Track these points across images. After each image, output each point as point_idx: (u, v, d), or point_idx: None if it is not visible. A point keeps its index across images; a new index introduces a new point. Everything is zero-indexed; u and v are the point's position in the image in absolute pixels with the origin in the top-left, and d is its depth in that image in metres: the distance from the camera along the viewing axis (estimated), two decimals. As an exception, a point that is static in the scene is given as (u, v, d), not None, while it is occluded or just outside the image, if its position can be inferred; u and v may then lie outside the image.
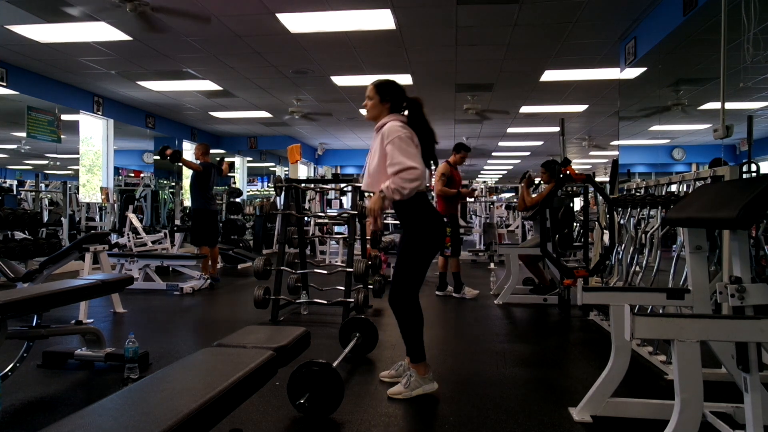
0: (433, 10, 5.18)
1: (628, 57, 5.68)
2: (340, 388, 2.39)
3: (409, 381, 2.62)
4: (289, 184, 4.70)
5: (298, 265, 4.82)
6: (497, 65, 7.01)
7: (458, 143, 5.79)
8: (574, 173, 3.25)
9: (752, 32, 3.11)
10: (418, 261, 2.60)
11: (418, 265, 2.61)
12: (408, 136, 2.51)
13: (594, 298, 2.37)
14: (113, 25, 5.63)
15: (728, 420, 2.21)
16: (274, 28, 5.63)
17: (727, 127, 2.85)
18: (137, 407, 1.36)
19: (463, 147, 5.75)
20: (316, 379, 2.37)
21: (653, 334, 1.78)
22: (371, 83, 2.72)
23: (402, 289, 2.60)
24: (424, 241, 2.60)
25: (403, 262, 2.62)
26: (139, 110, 10.24)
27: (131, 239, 7.49)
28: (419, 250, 2.60)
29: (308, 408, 2.33)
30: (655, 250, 3.31)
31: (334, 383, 2.37)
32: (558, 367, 3.28)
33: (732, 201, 1.80)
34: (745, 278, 1.82)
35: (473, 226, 11.51)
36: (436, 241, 2.63)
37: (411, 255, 2.60)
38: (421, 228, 2.59)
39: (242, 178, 14.81)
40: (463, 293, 5.56)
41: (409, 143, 2.49)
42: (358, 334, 3.26)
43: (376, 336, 3.38)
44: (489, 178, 24.26)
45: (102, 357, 3.06)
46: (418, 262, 2.60)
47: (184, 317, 4.71)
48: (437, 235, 2.64)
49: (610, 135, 12.11)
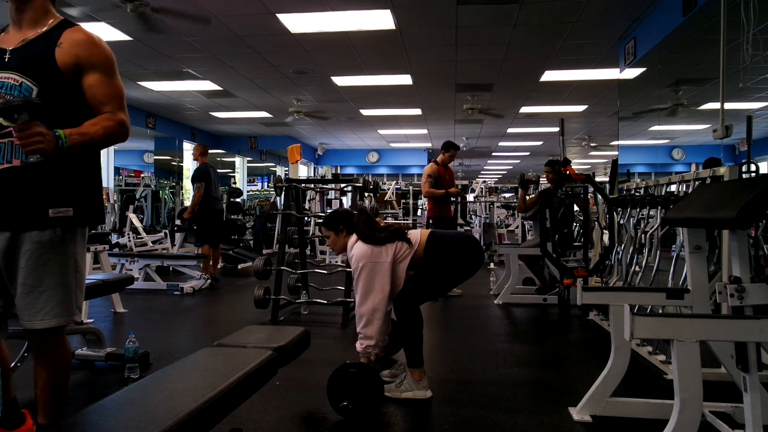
0: (433, 10, 5.18)
1: (628, 57, 5.69)
2: (380, 387, 2.41)
3: (402, 382, 2.63)
4: (289, 184, 4.71)
5: (298, 265, 4.83)
6: (497, 65, 7.01)
7: (447, 141, 5.80)
8: (574, 173, 3.25)
9: (751, 32, 3.12)
10: (443, 282, 2.72)
11: (440, 286, 2.75)
12: (372, 262, 2.56)
13: (594, 298, 2.37)
14: (113, 25, 5.63)
15: (728, 420, 2.21)
16: (275, 29, 5.63)
17: (726, 127, 2.85)
18: (137, 407, 1.36)
19: (452, 145, 5.76)
20: (355, 380, 2.38)
21: (653, 334, 1.78)
22: (321, 226, 2.85)
23: (412, 298, 2.63)
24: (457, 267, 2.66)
25: (428, 276, 2.66)
26: (139, 110, 10.24)
27: (132, 239, 7.49)
28: (450, 273, 2.67)
29: (352, 409, 2.34)
30: (655, 250, 3.31)
31: (374, 383, 2.39)
32: (558, 367, 3.28)
33: (731, 201, 1.81)
34: (744, 278, 1.82)
35: (473, 226, 11.51)
36: (469, 268, 2.69)
37: (439, 275, 2.66)
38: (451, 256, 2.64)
39: (242, 178, 14.81)
40: None
41: (374, 269, 2.55)
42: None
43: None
44: (489, 178, 24.26)
45: (102, 357, 3.07)
46: (442, 283, 2.73)
47: (184, 317, 4.71)
48: (472, 262, 2.69)
49: (610, 135, 12.11)
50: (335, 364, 2.46)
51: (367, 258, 2.56)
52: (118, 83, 1.77)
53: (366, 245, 2.60)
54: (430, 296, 2.77)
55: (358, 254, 2.59)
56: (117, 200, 9.66)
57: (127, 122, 1.77)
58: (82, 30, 1.72)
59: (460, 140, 12.85)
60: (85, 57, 1.68)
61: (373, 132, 12.94)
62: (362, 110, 10.16)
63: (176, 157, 12.00)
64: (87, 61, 1.68)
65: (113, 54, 1.77)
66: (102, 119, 1.70)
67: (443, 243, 2.65)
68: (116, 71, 1.77)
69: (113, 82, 1.75)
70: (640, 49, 5.40)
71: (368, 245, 2.60)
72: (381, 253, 2.57)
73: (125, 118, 1.76)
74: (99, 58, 1.71)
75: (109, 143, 1.73)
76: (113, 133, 1.71)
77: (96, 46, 1.72)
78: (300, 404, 2.55)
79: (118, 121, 1.73)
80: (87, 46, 1.69)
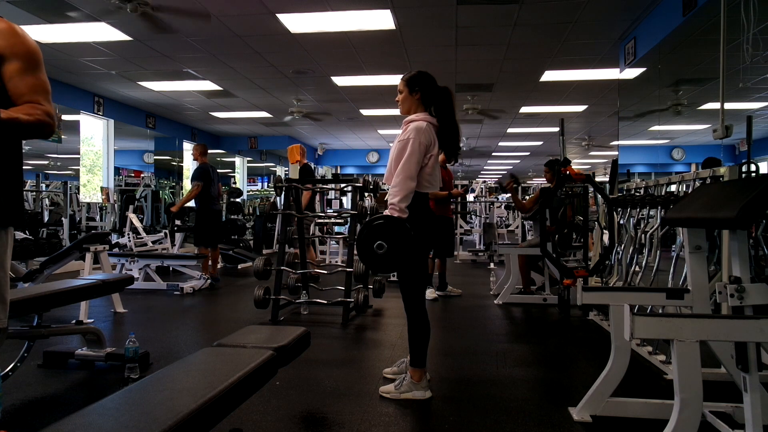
0: (433, 10, 5.18)
1: (628, 57, 5.69)
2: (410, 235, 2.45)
3: (401, 383, 2.63)
4: (289, 184, 4.71)
5: (298, 265, 4.83)
6: (497, 65, 7.01)
7: None
8: (574, 173, 3.25)
9: (751, 32, 3.12)
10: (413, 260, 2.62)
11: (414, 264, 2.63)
12: (425, 143, 2.54)
13: (594, 298, 2.37)
14: (113, 25, 5.64)
15: (728, 420, 2.21)
16: (275, 28, 5.64)
17: (726, 127, 2.85)
18: (137, 407, 1.36)
19: None
20: (387, 227, 2.44)
21: (653, 334, 1.78)
22: (401, 77, 2.74)
23: (411, 290, 2.62)
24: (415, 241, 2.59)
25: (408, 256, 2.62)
26: (139, 110, 10.24)
27: (131, 239, 7.49)
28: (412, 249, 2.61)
29: (387, 248, 2.42)
30: (655, 250, 3.31)
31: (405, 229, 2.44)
32: (558, 367, 3.28)
33: (731, 201, 1.81)
34: (744, 278, 1.82)
35: (473, 227, 11.51)
36: (425, 240, 2.63)
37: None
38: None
39: (242, 178, 14.82)
40: None
41: (420, 153, 2.52)
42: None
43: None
44: (489, 178, 24.27)
45: (102, 357, 3.07)
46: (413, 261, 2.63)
47: (184, 317, 4.71)
48: (427, 234, 2.64)
49: (610, 135, 12.12)
50: (335, 364, 2.47)
51: (426, 136, 2.54)
52: (42, 77, 1.64)
53: (429, 127, 2.58)
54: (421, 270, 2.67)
55: (418, 127, 2.55)
56: (117, 200, 9.66)
57: (53, 116, 1.62)
58: (4, 20, 1.62)
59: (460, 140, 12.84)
60: (6, 46, 1.57)
61: (373, 132, 12.94)
62: (362, 110, 10.16)
63: (176, 157, 12.01)
64: (9, 51, 1.57)
65: (39, 49, 1.64)
66: (27, 107, 1.56)
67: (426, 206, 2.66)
68: (41, 65, 1.64)
69: (37, 74, 1.62)
70: (640, 49, 5.40)
71: (430, 128, 2.58)
72: (432, 144, 2.57)
73: (51, 111, 1.61)
74: (21, 49, 1.60)
75: (34, 133, 1.56)
76: (39, 122, 1.56)
77: (17, 36, 1.60)
78: (300, 404, 2.55)
79: (45, 111, 1.59)
80: (7, 35, 1.59)
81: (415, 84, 2.66)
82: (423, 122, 2.58)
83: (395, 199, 2.47)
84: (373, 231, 2.46)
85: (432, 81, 2.69)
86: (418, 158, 2.50)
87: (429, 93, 2.67)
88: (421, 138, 2.52)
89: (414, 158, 2.49)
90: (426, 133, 2.54)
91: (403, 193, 2.47)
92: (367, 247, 2.46)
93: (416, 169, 2.50)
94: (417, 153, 2.50)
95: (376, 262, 2.46)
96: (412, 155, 2.49)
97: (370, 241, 2.45)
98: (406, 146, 2.51)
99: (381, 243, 2.42)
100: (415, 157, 2.49)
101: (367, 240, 2.46)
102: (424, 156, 2.53)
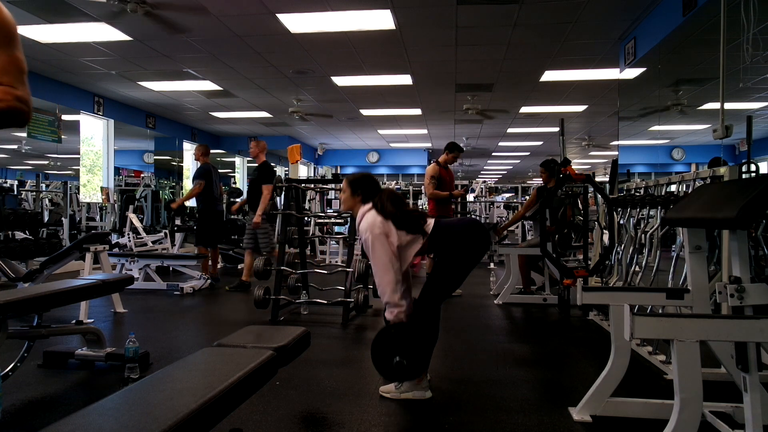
0: (433, 10, 5.18)
1: (628, 57, 5.69)
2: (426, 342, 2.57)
3: (401, 383, 2.63)
4: (289, 184, 4.71)
5: (298, 265, 4.83)
6: (497, 65, 7.01)
7: (452, 143, 5.80)
8: (573, 173, 3.25)
9: (752, 32, 3.11)
10: (457, 273, 2.72)
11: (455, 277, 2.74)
12: (379, 233, 2.57)
13: (594, 298, 2.37)
14: (113, 25, 5.64)
15: (728, 420, 2.21)
16: (275, 29, 5.64)
17: (726, 127, 2.85)
18: (137, 407, 1.36)
19: (456, 147, 5.77)
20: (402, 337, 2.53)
21: (653, 334, 1.78)
22: (345, 179, 2.83)
23: (433, 298, 2.69)
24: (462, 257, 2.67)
25: (443, 273, 2.69)
26: (139, 110, 10.24)
27: (131, 239, 7.49)
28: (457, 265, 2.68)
29: (406, 365, 2.48)
30: (655, 250, 3.31)
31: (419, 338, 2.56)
32: (558, 367, 3.28)
33: (731, 201, 1.81)
34: (744, 278, 1.82)
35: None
36: (477, 252, 2.70)
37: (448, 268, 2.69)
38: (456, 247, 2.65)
39: (242, 178, 14.81)
40: None
41: (382, 244, 2.56)
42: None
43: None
44: (489, 178, 24.27)
45: (102, 357, 3.07)
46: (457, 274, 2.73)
47: (184, 317, 4.71)
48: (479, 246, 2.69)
49: (610, 135, 12.12)
50: (335, 364, 2.47)
51: (380, 228, 2.56)
52: (16, 54, 1.36)
53: (378, 216, 2.60)
54: (449, 290, 2.79)
55: (370, 222, 2.58)
56: (117, 200, 9.66)
57: (28, 100, 1.35)
58: None
59: (460, 140, 12.85)
60: None
61: (373, 132, 12.94)
62: (362, 110, 10.16)
63: (176, 157, 12.01)
64: None
65: (13, 21, 1.35)
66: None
67: (448, 231, 2.64)
68: (15, 41, 1.36)
69: (9, 51, 1.34)
70: (640, 49, 5.40)
71: (380, 217, 2.60)
72: (391, 232, 2.58)
73: (24, 96, 1.34)
74: None
75: (6, 121, 1.31)
76: (10, 109, 1.30)
77: None
78: (300, 404, 2.55)
79: (16, 96, 1.31)
80: None
81: (357, 187, 2.75)
82: (369, 216, 2.62)
83: (386, 297, 2.57)
84: (386, 347, 2.53)
85: (374, 184, 2.78)
86: (383, 250, 2.55)
87: (370, 193, 2.75)
88: (375, 231, 2.56)
89: (379, 253, 2.55)
90: (379, 226, 2.57)
91: (389, 287, 2.54)
92: (386, 365, 2.52)
93: (387, 258, 2.54)
94: (379, 248, 2.55)
95: (398, 373, 2.53)
96: (375, 252, 2.55)
97: (389, 359, 2.51)
98: (369, 246, 2.58)
99: (400, 361, 2.48)
100: (378, 252, 2.55)
101: (384, 358, 2.53)
102: (387, 242, 2.56)
